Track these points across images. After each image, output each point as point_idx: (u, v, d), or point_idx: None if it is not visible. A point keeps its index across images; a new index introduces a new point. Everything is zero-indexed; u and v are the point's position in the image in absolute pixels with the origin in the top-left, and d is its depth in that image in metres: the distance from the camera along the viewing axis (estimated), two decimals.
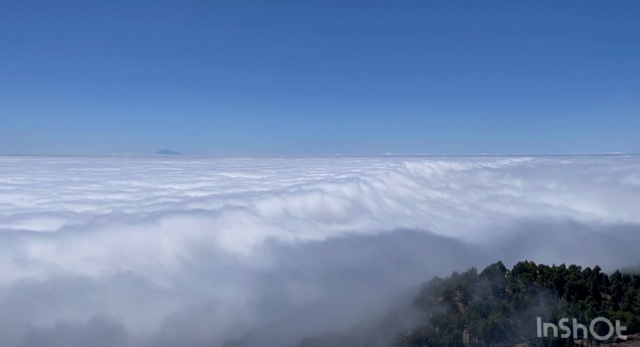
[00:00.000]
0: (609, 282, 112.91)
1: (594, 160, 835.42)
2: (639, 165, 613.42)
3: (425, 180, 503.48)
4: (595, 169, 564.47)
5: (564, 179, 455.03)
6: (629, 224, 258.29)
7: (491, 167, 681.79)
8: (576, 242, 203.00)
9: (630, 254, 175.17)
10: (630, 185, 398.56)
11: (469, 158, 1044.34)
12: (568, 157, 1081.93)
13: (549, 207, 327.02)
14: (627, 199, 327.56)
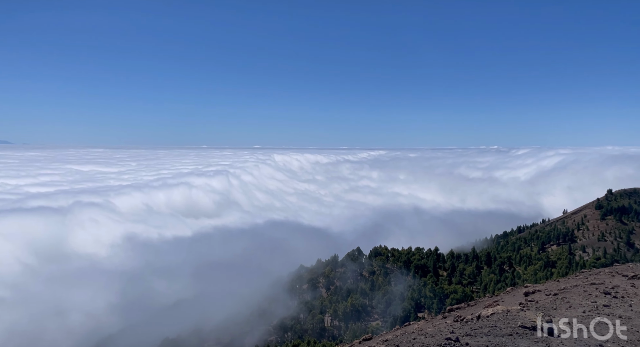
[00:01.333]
0: (445, 260, 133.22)
1: (434, 154, 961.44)
2: (468, 158, 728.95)
3: (293, 172, 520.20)
4: (435, 162, 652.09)
5: (412, 171, 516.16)
6: (460, 208, 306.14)
7: (352, 160, 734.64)
8: (421, 226, 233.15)
9: (461, 234, 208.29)
10: (461, 175, 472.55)
11: (333, 151, 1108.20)
12: (415, 151, 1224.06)
13: (400, 195, 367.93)
14: (459, 187, 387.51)
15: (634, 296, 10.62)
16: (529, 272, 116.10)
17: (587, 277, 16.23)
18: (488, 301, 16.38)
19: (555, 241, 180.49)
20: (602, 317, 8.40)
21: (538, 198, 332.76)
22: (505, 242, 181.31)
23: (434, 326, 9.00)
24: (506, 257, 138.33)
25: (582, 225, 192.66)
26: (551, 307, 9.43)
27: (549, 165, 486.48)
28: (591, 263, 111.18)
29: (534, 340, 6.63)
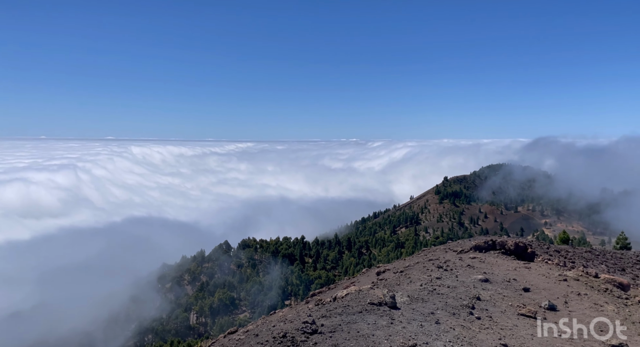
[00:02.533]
0: (311, 248, 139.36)
1: (300, 146, 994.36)
2: (331, 150, 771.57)
3: (155, 166, 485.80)
4: (301, 153, 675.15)
5: (279, 162, 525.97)
6: (324, 198, 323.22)
7: (219, 152, 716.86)
8: (289, 216, 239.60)
9: (325, 222, 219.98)
10: (325, 166, 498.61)
11: (198, 143, 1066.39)
12: (282, 143, 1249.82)
13: (269, 187, 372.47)
14: (322, 177, 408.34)
15: (460, 268, 12.55)
16: (383, 253, 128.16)
17: (426, 254, 18.18)
18: (346, 283, 17.64)
19: (404, 224, 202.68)
20: (434, 288, 9.79)
21: (390, 186, 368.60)
22: (364, 227, 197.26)
23: (296, 312, 9.42)
24: (364, 241, 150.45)
25: (424, 209, 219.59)
26: (395, 284, 10.60)
27: (398, 156, 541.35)
28: (432, 242, 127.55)
29: (380, 314, 7.42)
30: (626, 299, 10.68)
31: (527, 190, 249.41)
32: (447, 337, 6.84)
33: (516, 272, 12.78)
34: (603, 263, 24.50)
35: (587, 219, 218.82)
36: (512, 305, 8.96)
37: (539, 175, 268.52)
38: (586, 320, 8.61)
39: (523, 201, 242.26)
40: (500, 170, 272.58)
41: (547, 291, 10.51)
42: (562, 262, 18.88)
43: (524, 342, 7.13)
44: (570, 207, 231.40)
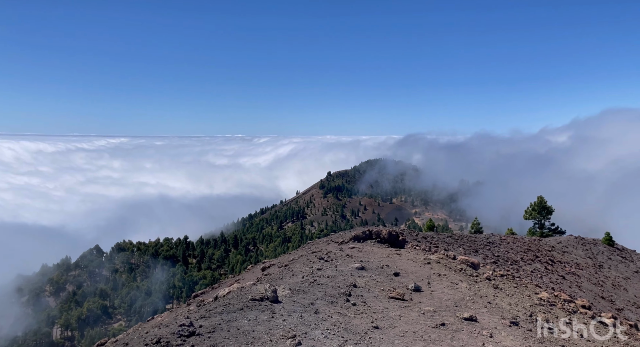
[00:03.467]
0: (195, 248, 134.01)
1: (182, 142, 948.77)
2: (216, 146, 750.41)
3: (6, 164, 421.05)
4: (183, 150, 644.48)
5: (159, 159, 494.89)
6: (209, 195, 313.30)
7: (87, 148, 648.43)
8: (170, 216, 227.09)
9: (211, 220, 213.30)
10: (209, 162, 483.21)
11: (61, 138, 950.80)
12: (161, 139, 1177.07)
13: (147, 185, 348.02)
14: (206, 174, 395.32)
15: (340, 258, 13.16)
16: (270, 249, 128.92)
17: (310, 247, 18.66)
18: (230, 281, 17.32)
19: (290, 219, 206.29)
20: (315, 279, 10.11)
21: (276, 182, 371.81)
22: (251, 224, 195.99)
23: (174, 316, 8.96)
24: (251, 238, 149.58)
25: (310, 203, 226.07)
26: (279, 278, 10.72)
27: (284, 152, 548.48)
28: (316, 235, 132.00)
29: (261, 309, 7.44)
30: (476, 276, 12.30)
31: (399, 183, 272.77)
32: (325, 325, 7.13)
33: (389, 259, 13.84)
34: (461, 246, 27.87)
35: (448, 207, 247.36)
36: (384, 289, 9.70)
37: (409, 169, 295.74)
38: (444, 297, 9.71)
39: (397, 193, 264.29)
40: (377, 165, 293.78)
41: (414, 274, 11.60)
42: (428, 247, 20.99)
43: (393, 323, 7.76)
44: (435, 197, 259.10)
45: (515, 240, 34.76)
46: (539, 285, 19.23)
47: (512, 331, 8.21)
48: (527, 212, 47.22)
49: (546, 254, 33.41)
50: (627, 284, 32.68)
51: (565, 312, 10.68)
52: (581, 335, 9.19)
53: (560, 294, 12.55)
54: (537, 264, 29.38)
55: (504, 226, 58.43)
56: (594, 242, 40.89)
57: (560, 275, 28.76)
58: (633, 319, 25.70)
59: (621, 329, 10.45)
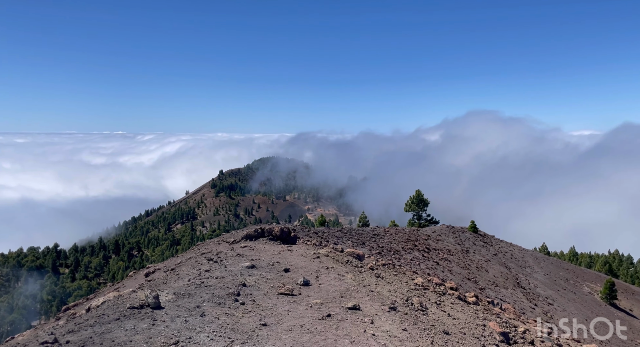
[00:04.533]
0: (68, 256, 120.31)
1: (50, 139, 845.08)
2: (91, 144, 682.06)
3: None
4: (51, 148, 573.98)
5: (20, 158, 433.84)
6: (84, 197, 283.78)
7: None
8: (36, 222, 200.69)
9: (86, 225, 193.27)
10: (83, 161, 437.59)
11: None
12: (24, 136, 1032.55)
13: (6, 188, 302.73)
14: (80, 175, 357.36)
15: (230, 258, 12.89)
16: (157, 253, 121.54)
17: (199, 249, 18.00)
18: (108, 290, 15.92)
19: (179, 220, 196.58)
20: (203, 281, 9.75)
21: (163, 182, 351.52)
22: (135, 227, 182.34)
23: (36, 333, 7.93)
24: (135, 242, 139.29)
25: (201, 203, 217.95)
26: (162, 283, 10.12)
27: (171, 150, 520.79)
28: (208, 236, 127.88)
29: (141, 317, 6.94)
30: (361, 267, 13.01)
31: (292, 180, 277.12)
32: (211, 327, 6.91)
33: (280, 256, 13.94)
34: (349, 239, 29.24)
35: (338, 203, 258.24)
36: (273, 286, 9.74)
37: (301, 166, 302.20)
38: (331, 289, 10.10)
39: (290, 190, 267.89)
40: (269, 163, 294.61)
41: (304, 269, 11.85)
42: (319, 242, 21.63)
43: (281, 319, 7.83)
44: (326, 193, 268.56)
45: (397, 231, 37.59)
46: (416, 271, 21.03)
47: (391, 315, 8.84)
48: (407, 205, 51.38)
49: (423, 242, 36.73)
50: (488, 265, 37.43)
51: (437, 295, 11.83)
52: (448, 314, 10.25)
53: (433, 279, 13.87)
54: (415, 253, 32.14)
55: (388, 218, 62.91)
56: (462, 230, 46.07)
57: (435, 261, 31.85)
58: (492, 296, 29.48)
59: (481, 306, 11.92)
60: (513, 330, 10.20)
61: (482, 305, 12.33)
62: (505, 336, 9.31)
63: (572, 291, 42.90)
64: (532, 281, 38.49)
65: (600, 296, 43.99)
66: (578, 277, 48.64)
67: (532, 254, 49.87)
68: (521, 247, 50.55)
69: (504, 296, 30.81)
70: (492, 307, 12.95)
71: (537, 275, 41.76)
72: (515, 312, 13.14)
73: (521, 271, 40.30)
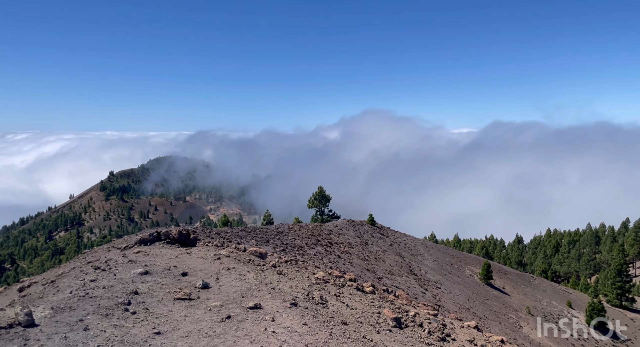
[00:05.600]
0: None
1: None
2: None
3: None
4: None
5: None
6: None
7: None
8: None
9: None
10: None
11: None
12: None
13: None
14: None
15: (121, 265, 11.96)
16: (36, 265, 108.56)
17: (86, 257, 16.58)
18: None
19: (63, 227, 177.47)
20: (87, 292, 8.90)
21: (41, 186, 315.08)
22: (7, 237, 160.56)
23: None
24: (7, 253, 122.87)
25: (88, 208, 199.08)
26: (38, 297, 9.08)
27: (51, 151, 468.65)
28: (97, 243, 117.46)
29: (9, 338, 6.14)
30: (263, 265, 12.95)
31: (191, 180, 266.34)
32: (97, 341, 6.32)
33: (178, 259, 13.29)
34: (253, 238, 28.96)
35: (241, 201, 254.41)
36: (169, 292, 9.23)
37: (200, 165, 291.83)
38: (232, 290, 9.90)
39: (190, 191, 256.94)
40: (166, 162, 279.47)
41: (203, 272, 11.44)
42: (221, 243, 21.06)
43: (177, 325, 7.46)
44: (229, 192, 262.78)
45: (301, 227, 38.19)
46: (319, 266, 21.56)
47: (292, 311, 8.93)
48: (310, 202, 52.44)
49: (326, 237, 37.82)
50: (385, 256, 39.79)
51: (337, 287, 12.24)
52: (347, 305, 10.67)
53: (334, 272, 14.33)
54: (319, 247, 32.95)
55: (292, 215, 63.63)
56: (361, 224, 48.36)
57: (337, 255, 32.98)
58: (388, 284, 31.37)
59: (377, 295, 12.62)
60: (405, 315, 10.96)
61: (378, 294, 13.04)
62: (397, 321, 9.96)
63: (457, 274, 47.49)
64: (423, 268, 41.79)
65: (479, 277, 49.35)
66: (461, 261, 53.99)
67: (423, 242, 54.16)
68: (413, 237, 54.60)
69: (399, 284, 33.02)
70: (387, 294, 13.78)
71: (427, 262, 45.48)
72: (408, 298, 14.13)
73: (414, 259, 43.54)
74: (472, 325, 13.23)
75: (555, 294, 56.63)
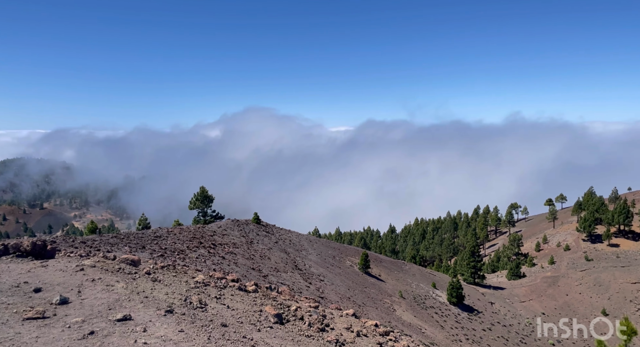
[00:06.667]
0: None
1: None
2: None
3: None
4: None
5: None
6: None
7: None
8: None
9: None
10: None
11: None
12: None
13: None
14: None
15: None
16: None
17: None
18: None
19: None
20: None
21: None
22: None
23: None
24: None
25: None
26: None
27: None
28: None
29: None
30: (135, 273, 11.98)
31: (48, 184, 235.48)
32: None
33: (30, 274, 11.61)
34: (127, 245, 26.68)
35: (112, 206, 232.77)
36: (17, 312, 7.99)
37: (58, 167, 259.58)
38: (97, 303, 8.94)
39: (48, 196, 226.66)
40: (14, 165, 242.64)
41: (62, 285, 10.17)
42: (87, 252, 18.97)
43: None
44: (96, 196, 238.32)
45: (182, 230, 36.37)
46: (201, 269, 20.74)
47: (167, 319, 8.41)
48: (191, 203, 50.21)
49: (209, 239, 36.59)
50: (270, 253, 39.98)
51: (217, 289, 11.89)
52: (227, 306, 10.44)
53: (215, 274, 13.90)
54: (201, 250, 31.72)
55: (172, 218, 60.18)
56: (246, 223, 47.88)
57: (221, 256, 32.13)
58: (274, 281, 31.60)
59: (260, 293, 12.59)
60: (286, 310, 11.11)
61: (261, 292, 13.01)
62: (279, 317, 10.05)
63: (338, 266, 49.91)
64: (307, 262, 43.01)
65: (358, 267, 52.57)
66: (342, 253, 56.87)
67: (307, 238, 55.76)
68: (298, 233, 55.86)
69: (284, 280, 33.49)
70: (270, 292, 13.83)
71: (311, 256, 46.94)
72: (291, 293, 14.37)
73: (298, 255, 44.56)
74: (350, 313, 13.98)
75: (422, 277, 62.94)
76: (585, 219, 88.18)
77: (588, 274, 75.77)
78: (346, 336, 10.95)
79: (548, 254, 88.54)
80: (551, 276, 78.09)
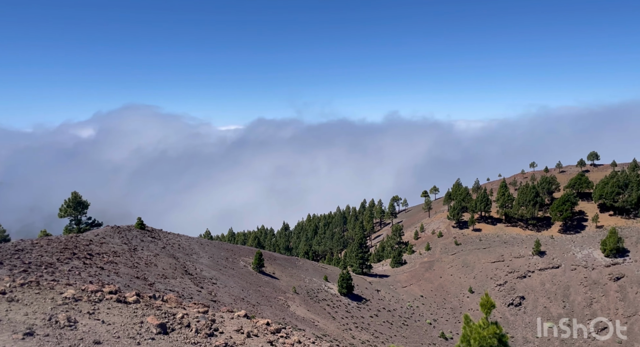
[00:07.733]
0: None
1: None
2: None
3: None
4: None
5: None
6: None
7: None
8: None
9: None
10: None
11: None
12: None
13: None
14: None
15: None
16: None
17: None
18: None
19: None
20: None
21: None
22: None
23: None
24: None
25: None
26: None
27: None
28: None
29: None
30: None
31: None
32: None
33: None
34: None
35: None
36: None
37: None
38: None
39: None
40: None
41: None
42: None
43: None
44: None
45: (50, 241, 32.35)
46: (72, 283, 18.70)
47: (25, 343, 7.40)
48: (62, 210, 44.92)
49: (84, 249, 33.07)
50: (157, 260, 37.59)
51: (91, 303, 10.81)
52: (102, 321, 9.55)
53: (89, 287, 12.64)
54: (75, 261, 28.54)
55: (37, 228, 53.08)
56: (129, 229, 44.31)
57: (99, 266, 29.29)
58: (161, 289, 29.80)
59: (142, 303, 11.75)
60: (172, 318, 10.55)
61: (143, 302, 12.17)
62: (162, 327, 9.50)
63: (232, 267, 48.93)
64: (198, 266, 41.38)
65: (252, 266, 52.14)
66: (235, 254, 55.87)
67: (198, 240, 53.61)
68: (188, 236, 53.41)
69: (173, 286, 31.79)
70: (154, 301, 13.01)
71: (203, 260, 45.26)
72: (177, 301, 13.69)
73: (189, 259, 42.63)
74: (242, 314, 13.81)
75: (315, 271, 64.79)
76: (454, 208, 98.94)
77: (457, 257, 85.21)
78: (236, 339, 10.78)
79: (425, 241, 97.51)
80: (427, 261, 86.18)
